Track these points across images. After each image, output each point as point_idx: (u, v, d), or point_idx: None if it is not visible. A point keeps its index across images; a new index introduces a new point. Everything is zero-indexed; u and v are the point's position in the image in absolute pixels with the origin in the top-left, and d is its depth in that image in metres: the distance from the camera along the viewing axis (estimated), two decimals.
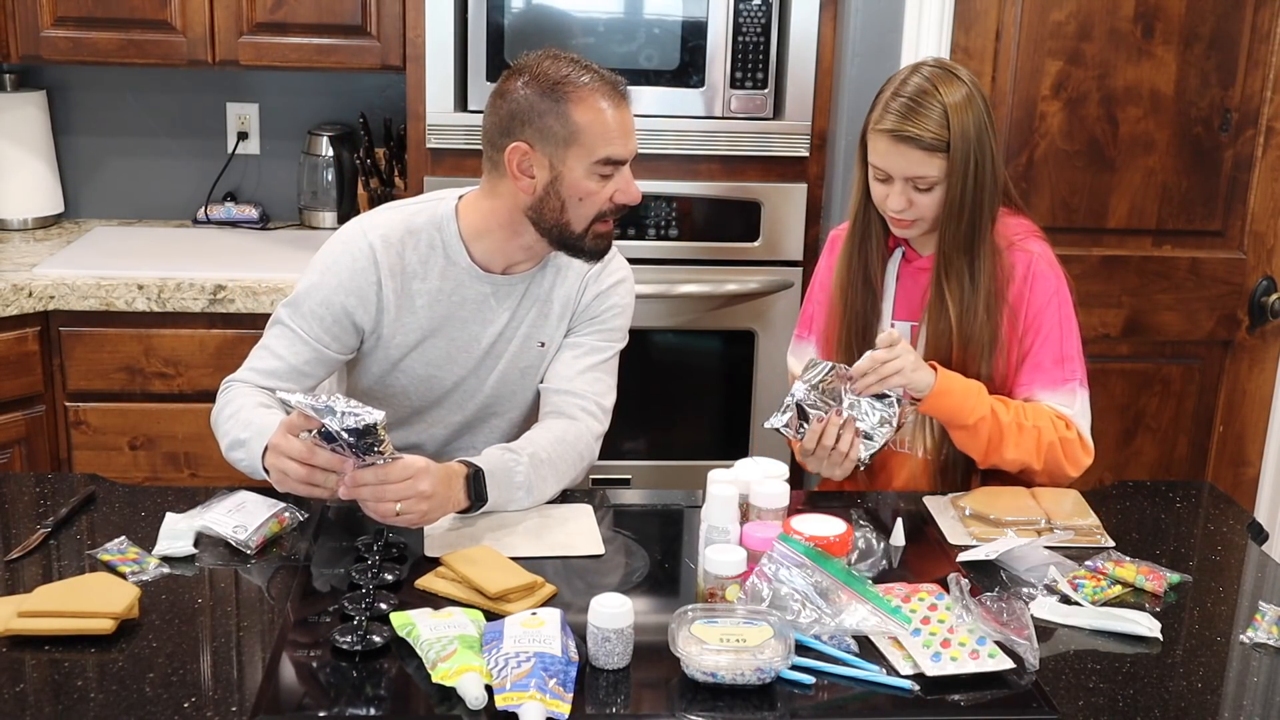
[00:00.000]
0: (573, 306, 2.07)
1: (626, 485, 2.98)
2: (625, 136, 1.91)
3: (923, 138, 1.95)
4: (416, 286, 1.99)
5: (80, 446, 2.76)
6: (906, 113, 1.96)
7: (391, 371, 2.05)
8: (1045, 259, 2.09)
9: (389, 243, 1.98)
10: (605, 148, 1.89)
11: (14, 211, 3.12)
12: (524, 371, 2.08)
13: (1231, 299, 2.94)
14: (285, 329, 1.99)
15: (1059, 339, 2.06)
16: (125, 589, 1.57)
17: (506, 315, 2.04)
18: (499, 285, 2.02)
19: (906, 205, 2.00)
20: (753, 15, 2.81)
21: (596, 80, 1.89)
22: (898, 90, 1.99)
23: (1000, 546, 1.78)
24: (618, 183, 1.93)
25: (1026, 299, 2.06)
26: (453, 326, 2.02)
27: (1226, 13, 2.78)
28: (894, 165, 1.98)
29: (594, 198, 1.91)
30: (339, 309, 1.97)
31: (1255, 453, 3.03)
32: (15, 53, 2.87)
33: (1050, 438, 2.00)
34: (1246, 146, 2.87)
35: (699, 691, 1.44)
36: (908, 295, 2.12)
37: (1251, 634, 1.62)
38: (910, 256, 2.12)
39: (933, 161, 1.96)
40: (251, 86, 3.24)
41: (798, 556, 1.58)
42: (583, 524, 1.87)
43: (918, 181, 1.98)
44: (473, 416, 2.11)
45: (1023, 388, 2.07)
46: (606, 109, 1.88)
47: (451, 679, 1.40)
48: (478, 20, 2.78)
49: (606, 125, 1.88)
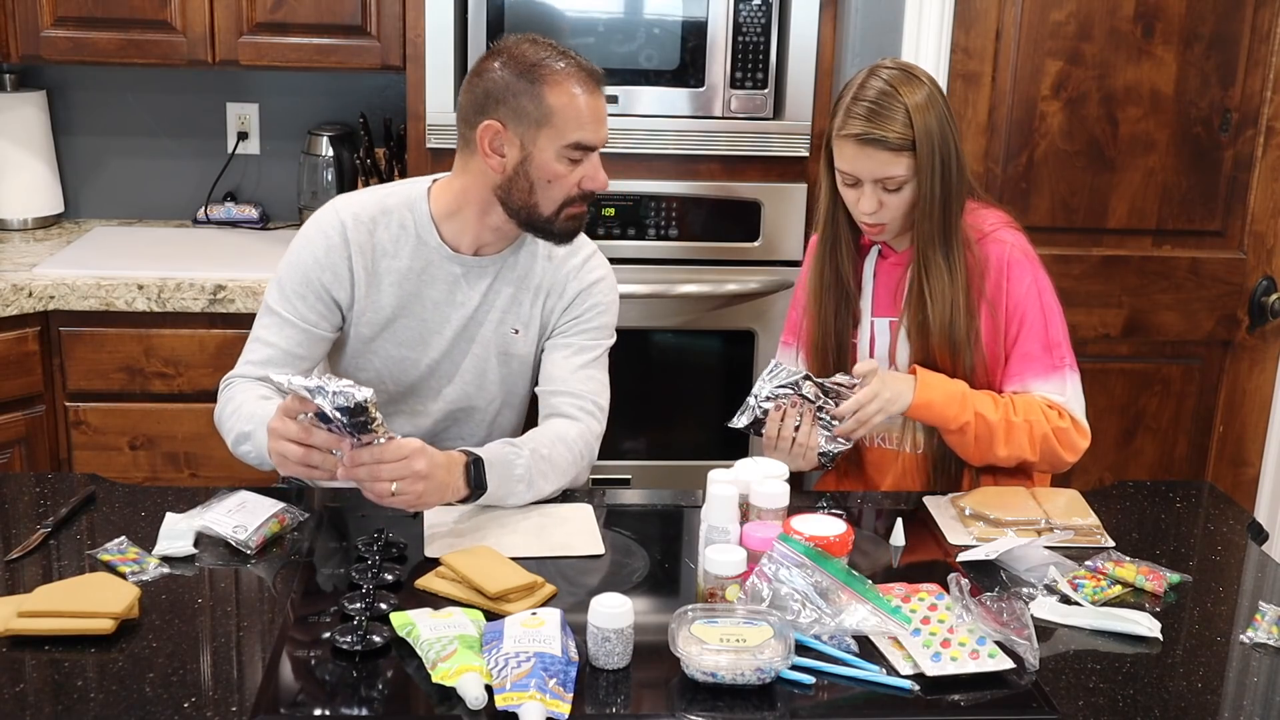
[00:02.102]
0: (554, 304, 2.08)
1: (626, 485, 2.98)
2: (596, 123, 1.93)
3: (889, 139, 1.96)
4: (386, 264, 2.02)
5: (80, 446, 2.76)
6: (870, 116, 1.97)
7: (365, 352, 2.07)
8: (1019, 248, 2.09)
9: (360, 220, 2.01)
10: (576, 132, 1.91)
11: (14, 211, 3.12)
12: (502, 359, 2.09)
13: (1231, 299, 2.94)
14: (272, 316, 2.02)
15: (1044, 326, 2.07)
16: (125, 589, 1.57)
17: (478, 297, 2.05)
18: (469, 266, 2.04)
19: (877, 207, 2.01)
20: (753, 15, 2.81)
21: (572, 66, 1.92)
22: (858, 95, 2.00)
23: (1000, 546, 1.78)
24: (586, 169, 1.95)
25: (1005, 289, 2.07)
26: (423, 306, 2.04)
27: (1226, 13, 2.78)
28: (862, 168, 1.99)
29: (561, 181, 1.93)
30: (317, 285, 2.01)
31: (1255, 453, 3.03)
32: (15, 53, 2.87)
33: (1043, 430, 2.01)
34: (1246, 146, 2.87)
35: (699, 691, 1.44)
36: (886, 291, 2.13)
37: (1251, 634, 1.62)
38: (886, 252, 2.14)
39: (900, 161, 1.98)
40: (251, 86, 3.24)
41: (798, 556, 1.58)
42: (583, 524, 1.87)
43: (886, 182, 1.99)
44: (455, 406, 2.11)
45: (1014, 379, 2.07)
46: (580, 94, 1.90)
47: (451, 679, 1.40)
48: (477, 20, 2.78)
49: (579, 110, 1.90)
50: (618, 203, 2.88)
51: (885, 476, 2.16)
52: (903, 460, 2.14)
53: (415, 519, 1.85)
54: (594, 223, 2.87)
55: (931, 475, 2.11)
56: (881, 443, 2.15)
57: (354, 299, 2.03)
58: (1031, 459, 2.01)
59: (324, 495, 1.96)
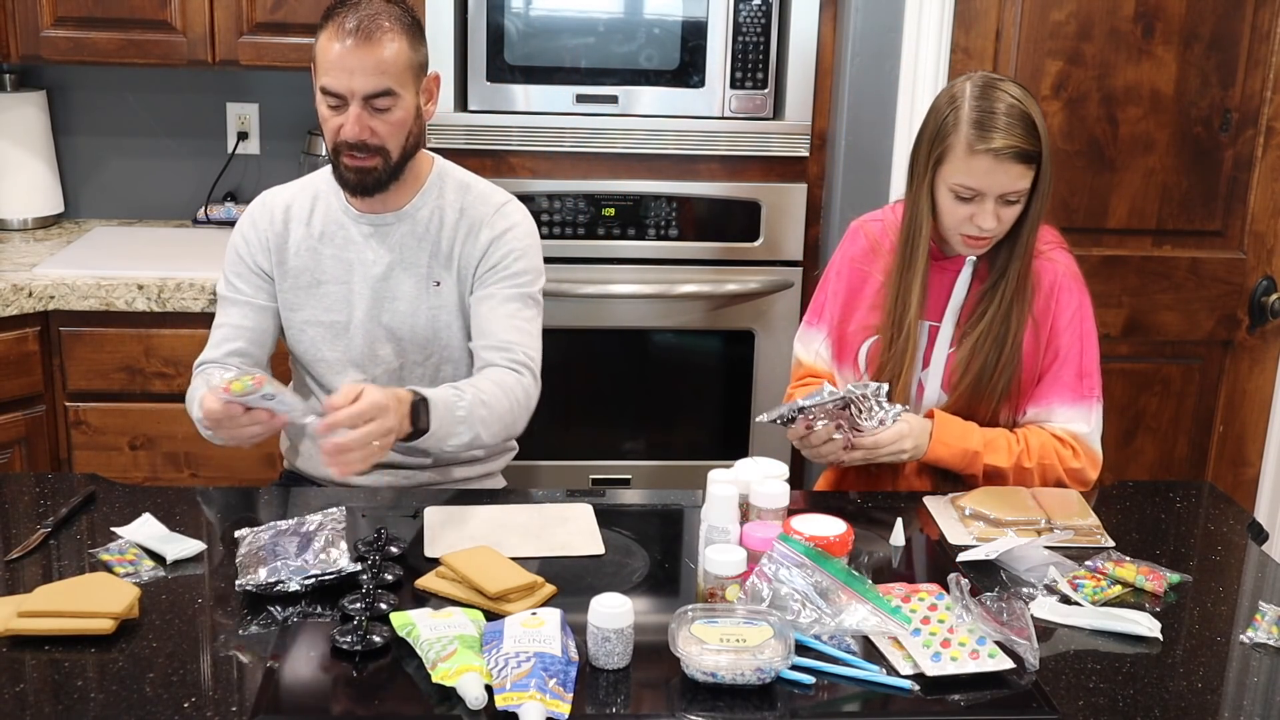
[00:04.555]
0: (470, 256, 2.11)
1: (626, 485, 2.98)
2: (344, 72, 1.95)
3: (1029, 151, 1.95)
4: (299, 231, 2.12)
5: (80, 446, 2.76)
6: (1009, 130, 1.94)
7: (298, 324, 2.14)
8: (1070, 272, 2.10)
9: (279, 196, 2.16)
10: (323, 76, 1.99)
11: (14, 211, 3.12)
12: (432, 313, 2.12)
13: (1231, 299, 2.94)
14: (224, 301, 2.15)
15: (1080, 354, 2.07)
16: (125, 589, 1.57)
17: (391, 254, 2.10)
18: (376, 225, 2.11)
19: (997, 223, 1.99)
20: (753, 15, 2.81)
21: (348, 16, 1.96)
22: (987, 108, 1.96)
23: (1000, 546, 1.78)
24: (343, 117, 1.99)
25: (1051, 312, 2.07)
26: (340, 268, 2.12)
27: (1226, 13, 2.78)
28: (994, 182, 1.95)
29: (326, 125, 2.02)
30: (249, 260, 2.13)
31: (1255, 453, 3.03)
32: (15, 53, 2.87)
33: (1056, 473, 2.03)
34: (1246, 146, 2.87)
35: (699, 691, 1.44)
36: (935, 296, 2.10)
37: (1251, 634, 1.62)
38: (936, 255, 2.10)
39: (1029, 174, 1.97)
40: (251, 86, 3.24)
41: (798, 556, 1.58)
42: (583, 524, 1.87)
43: (1009, 195, 1.97)
44: (398, 367, 2.14)
45: (1040, 402, 2.07)
46: (337, 42, 1.95)
47: (451, 679, 1.40)
48: (478, 20, 2.78)
49: (328, 56, 1.96)
50: (618, 203, 2.88)
51: (894, 475, 2.16)
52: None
53: (415, 519, 1.85)
54: (594, 222, 2.88)
55: (938, 475, 2.10)
56: None
57: (273, 265, 2.12)
58: None
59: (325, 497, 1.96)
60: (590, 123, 2.84)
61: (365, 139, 1.98)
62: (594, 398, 3.05)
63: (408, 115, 2.01)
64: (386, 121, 1.99)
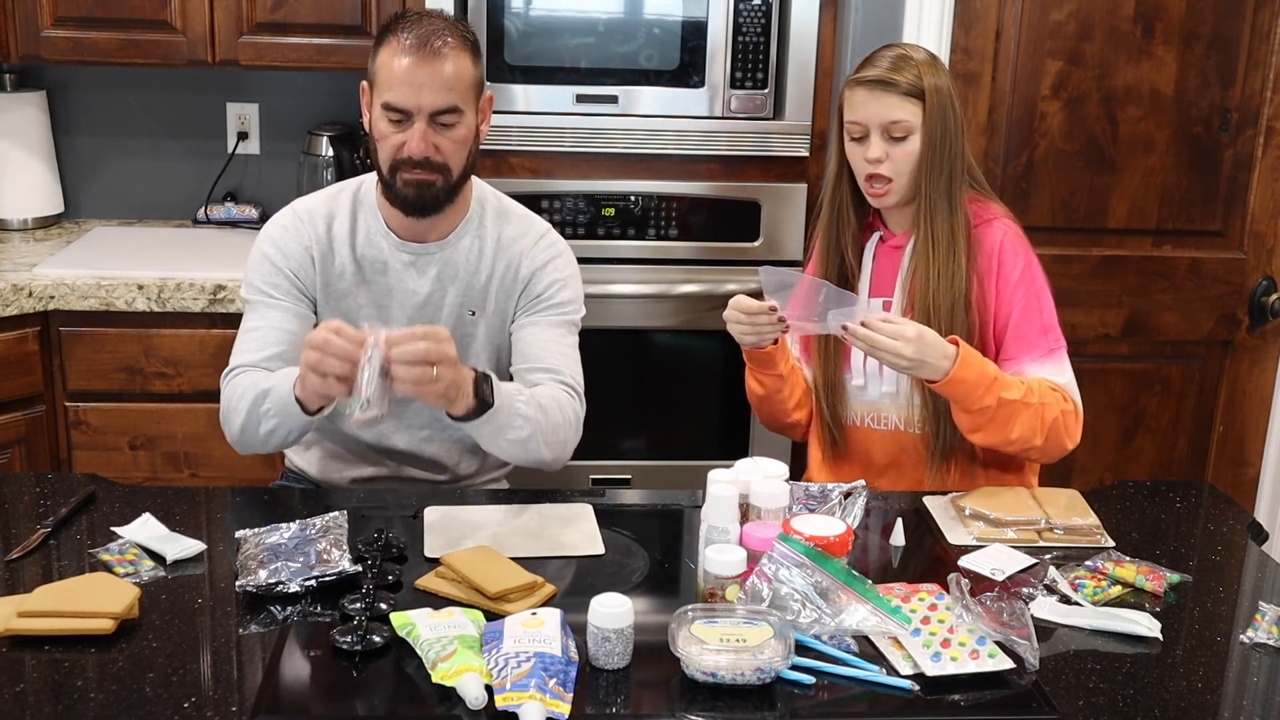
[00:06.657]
0: (510, 288, 2.09)
1: (626, 485, 2.98)
2: (411, 88, 1.93)
3: (899, 83, 2.04)
4: (345, 253, 2.07)
5: (80, 446, 2.76)
6: (881, 64, 2.07)
7: None
8: (1014, 234, 2.13)
9: (318, 210, 2.09)
10: (387, 92, 1.94)
11: (14, 211, 3.12)
12: (464, 343, 2.09)
13: (1231, 299, 2.94)
14: (257, 305, 2.05)
15: (1038, 309, 2.09)
16: (125, 589, 1.57)
17: (431, 284, 2.08)
18: (418, 254, 2.08)
19: (884, 156, 2.05)
20: (753, 15, 2.81)
21: (410, 33, 1.94)
22: (876, 54, 2.10)
23: (1004, 566, 1.77)
24: (407, 134, 1.96)
25: (995, 271, 2.09)
26: (379, 293, 2.08)
27: (1226, 13, 2.78)
28: (871, 112, 2.05)
29: (385, 142, 1.97)
30: (286, 272, 2.05)
31: (1255, 453, 3.03)
32: (15, 53, 2.87)
33: (1054, 413, 2.01)
34: (1246, 146, 2.87)
35: (699, 691, 1.44)
36: (883, 274, 2.15)
37: (1251, 634, 1.62)
38: (886, 237, 2.16)
39: (907, 106, 2.04)
40: (251, 86, 3.24)
41: (798, 556, 1.59)
42: (583, 524, 1.87)
43: (893, 129, 2.04)
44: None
45: (1010, 361, 2.07)
46: (402, 57, 1.93)
47: (451, 679, 1.40)
48: (477, 20, 2.78)
49: (391, 71, 1.93)
50: (618, 203, 2.88)
51: (879, 456, 2.16)
52: (899, 438, 2.13)
53: (415, 519, 1.85)
54: (594, 223, 2.88)
55: (928, 456, 2.09)
56: (871, 423, 2.15)
57: (315, 287, 2.07)
58: (1038, 444, 2.00)
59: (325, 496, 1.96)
60: (590, 123, 2.84)
61: (430, 156, 1.95)
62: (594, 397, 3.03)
63: (469, 133, 1.99)
64: (450, 139, 1.96)
